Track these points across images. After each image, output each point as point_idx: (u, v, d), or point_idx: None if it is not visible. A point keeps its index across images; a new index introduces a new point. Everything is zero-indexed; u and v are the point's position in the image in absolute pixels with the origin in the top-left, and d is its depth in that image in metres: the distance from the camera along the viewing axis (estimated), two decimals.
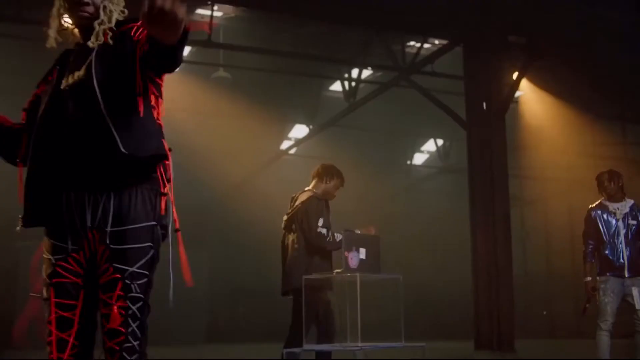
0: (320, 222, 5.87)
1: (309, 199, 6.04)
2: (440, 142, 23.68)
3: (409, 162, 25.35)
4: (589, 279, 6.97)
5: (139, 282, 2.72)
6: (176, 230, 2.84)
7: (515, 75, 12.06)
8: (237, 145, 19.35)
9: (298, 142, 20.70)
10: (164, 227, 2.83)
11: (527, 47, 11.93)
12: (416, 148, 24.97)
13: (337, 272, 5.14)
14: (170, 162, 2.83)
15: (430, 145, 24.53)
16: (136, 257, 2.72)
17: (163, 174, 2.80)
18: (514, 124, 18.06)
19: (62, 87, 2.80)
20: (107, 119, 2.68)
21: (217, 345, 18.08)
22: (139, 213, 2.74)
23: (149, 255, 2.77)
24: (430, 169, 25.01)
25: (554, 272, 22.81)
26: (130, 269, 2.70)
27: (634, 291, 6.86)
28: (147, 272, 2.77)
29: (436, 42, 14.85)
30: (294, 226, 5.95)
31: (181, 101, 18.08)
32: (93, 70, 2.74)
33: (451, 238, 19.75)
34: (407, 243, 22.13)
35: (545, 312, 22.93)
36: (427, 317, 21.46)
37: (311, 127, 19.88)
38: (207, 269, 21.24)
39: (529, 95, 17.76)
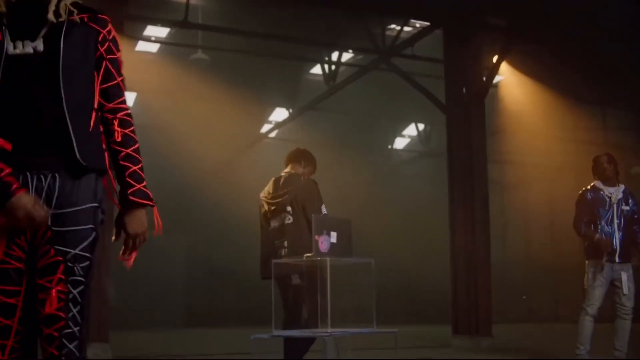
0: (324, 209, 5.78)
1: (307, 182, 5.92)
2: (421, 126, 23.64)
3: (390, 147, 25.27)
4: (597, 236, 6.82)
5: (81, 265, 2.59)
6: None
7: (495, 59, 11.93)
8: (216, 128, 19.16)
9: (277, 126, 20.55)
10: (103, 212, 2.72)
11: (507, 30, 11.81)
12: (397, 132, 24.88)
13: (307, 257, 5.00)
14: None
15: (411, 130, 24.46)
16: (78, 239, 2.60)
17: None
18: (495, 109, 18.00)
19: (10, 52, 2.60)
20: (66, 118, 2.57)
21: (195, 329, 18.00)
22: (81, 194, 2.62)
23: (91, 238, 2.64)
24: (411, 153, 24.95)
25: (534, 257, 22.86)
26: (73, 252, 2.58)
27: (624, 276, 6.81)
28: (89, 255, 2.63)
29: (417, 25, 14.71)
30: (289, 208, 5.77)
31: (158, 83, 17.85)
32: (61, 59, 2.59)
33: (432, 223, 19.70)
34: (388, 228, 22.07)
35: (524, 297, 23.00)
36: (408, 302, 21.47)
37: (291, 110, 19.71)
38: (185, 253, 21.12)
39: (510, 80, 17.68)
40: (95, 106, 2.68)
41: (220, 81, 16.95)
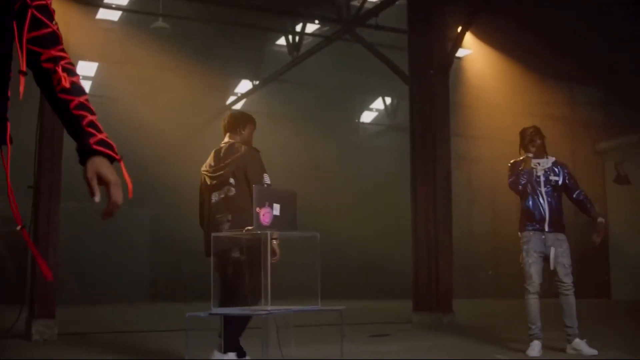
0: (267, 179, 5.45)
1: (248, 151, 5.59)
2: (388, 100, 23.49)
3: (357, 120, 25.07)
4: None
5: None
6: (20, 228, 2.28)
7: (459, 29, 11.63)
8: (178, 100, 18.77)
9: (241, 98, 20.18)
10: None
11: (473, 0, 11.52)
12: (365, 106, 24.68)
13: (247, 230, 4.72)
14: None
15: (379, 103, 24.30)
16: None
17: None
18: (463, 83, 17.82)
19: None
20: None
21: (158, 304, 17.77)
22: None
23: None
24: (378, 127, 24.78)
25: (501, 232, 22.81)
26: None
27: (552, 251, 6.67)
28: None
29: None
30: (232, 180, 5.46)
31: (117, 53, 17.41)
32: None
33: (397, 197, 19.57)
34: (354, 203, 21.93)
35: (490, 272, 22.99)
36: (372, 277, 21.36)
37: (256, 82, 19.36)
38: (148, 228, 20.80)
39: (478, 54, 17.49)
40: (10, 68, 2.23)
41: (182, 51, 16.57)
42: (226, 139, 5.79)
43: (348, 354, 6.18)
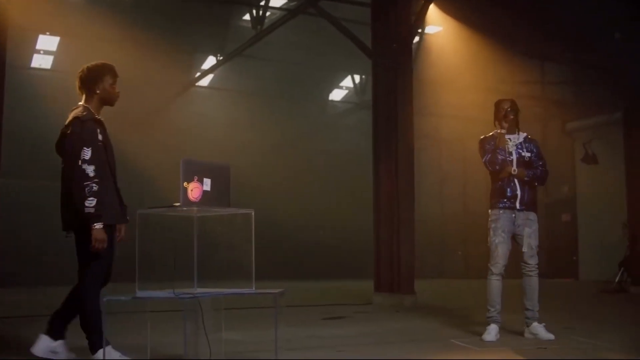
0: (86, 153, 4.66)
1: (71, 121, 4.79)
2: (357, 78, 23.20)
3: (326, 98, 24.73)
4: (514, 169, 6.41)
5: None
6: None
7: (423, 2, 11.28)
8: (142, 76, 18.24)
9: (205, 74, 19.70)
10: None
11: None
12: (335, 83, 24.32)
13: (174, 206, 4.34)
14: None
15: (349, 81, 23.99)
16: None
17: None
18: (433, 60, 17.50)
19: None
20: None
21: (114, 284, 17.32)
22: None
23: None
24: (348, 104, 24.44)
25: (470, 212, 22.63)
26: None
27: (526, 231, 6.39)
28: None
29: None
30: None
31: (79, 27, 16.87)
32: None
33: (364, 175, 19.29)
34: (322, 181, 21.65)
35: (460, 253, 22.83)
36: (340, 257, 21.10)
37: (221, 57, 18.89)
38: None
39: (447, 30, 17.19)
40: None
41: (143, 25, 16.06)
42: (80, 102, 4.97)
43: (291, 339, 5.85)
